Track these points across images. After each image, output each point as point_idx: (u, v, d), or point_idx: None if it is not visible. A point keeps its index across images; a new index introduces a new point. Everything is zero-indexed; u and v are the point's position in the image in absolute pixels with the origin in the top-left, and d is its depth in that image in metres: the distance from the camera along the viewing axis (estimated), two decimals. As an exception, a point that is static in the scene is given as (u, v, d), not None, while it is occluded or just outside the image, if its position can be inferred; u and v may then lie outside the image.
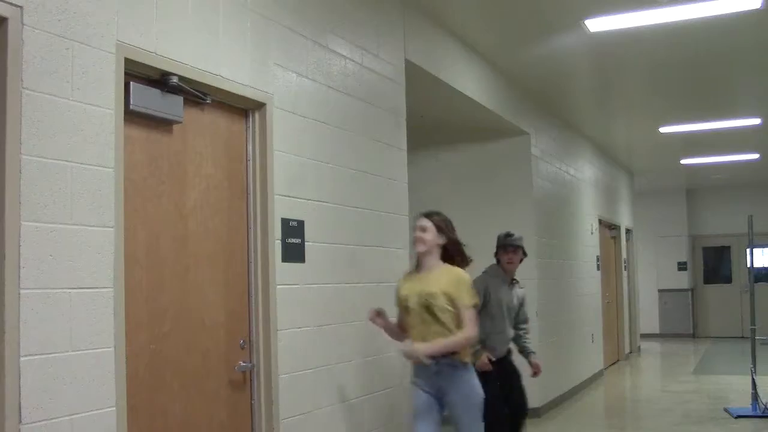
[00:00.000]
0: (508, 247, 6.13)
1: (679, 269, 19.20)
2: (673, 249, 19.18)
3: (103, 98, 3.31)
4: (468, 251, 4.70)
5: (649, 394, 11.35)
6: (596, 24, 7.05)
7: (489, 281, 6.07)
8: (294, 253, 4.51)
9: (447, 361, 4.46)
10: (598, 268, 13.00)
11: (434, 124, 8.61)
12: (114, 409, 3.26)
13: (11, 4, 2.94)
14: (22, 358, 2.89)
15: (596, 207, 13.11)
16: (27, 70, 2.98)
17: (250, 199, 4.33)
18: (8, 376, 2.84)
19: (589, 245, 12.38)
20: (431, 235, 4.56)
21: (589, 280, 12.31)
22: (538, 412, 8.98)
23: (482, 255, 8.83)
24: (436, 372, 4.47)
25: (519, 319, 6.30)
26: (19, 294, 2.90)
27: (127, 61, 3.46)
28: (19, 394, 2.87)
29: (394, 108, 5.87)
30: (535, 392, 8.97)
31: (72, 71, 3.18)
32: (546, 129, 10.20)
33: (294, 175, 4.58)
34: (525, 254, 6.24)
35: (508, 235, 6.17)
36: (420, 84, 6.55)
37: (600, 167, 13.66)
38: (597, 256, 12.98)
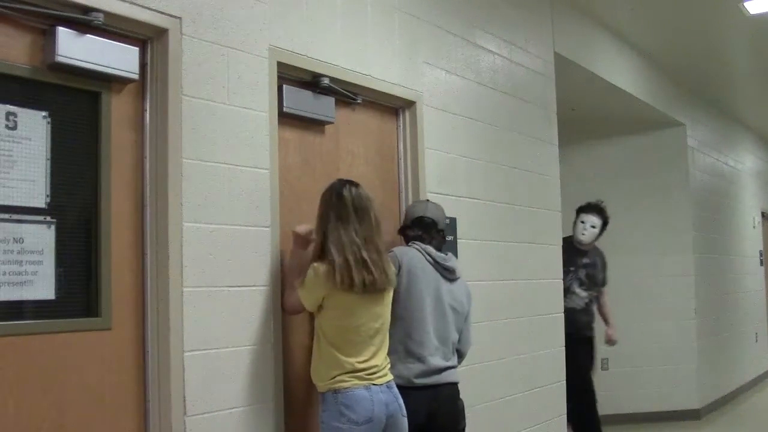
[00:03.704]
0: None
1: None
2: None
3: (257, 101, 3.40)
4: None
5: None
6: (756, 5, 6.71)
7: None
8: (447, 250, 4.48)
9: None
10: (761, 264, 12.41)
11: (586, 118, 8.41)
12: (272, 404, 3.35)
13: (171, 15, 3.07)
14: (185, 353, 3.00)
15: (759, 199, 12.51)
16: (186, 77, 3.10)
17: (402, 196, 4.35)
18: (173, 370, 2.97)
19: (751, 239, 11.83)
20: None
21: (752, 277, 11.76)
22: (697, 414, 8.64)
23: (638, 251, 8.67)
24: None
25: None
26: (182, 292, 3.02)
27: (280, 64, 3.54)
28: (184, 387, 2.99)
29: (545, 102, 5.77)
30: (693, 393, 8.69)
31: (228, 77, 3.28)
32: (702, 119, 9.81)
33: (445, 173, 4.57)
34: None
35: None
36: (570, 77, 6.41)
37: (762, 157, 13.02)
38: (760, 251, 12.39)
